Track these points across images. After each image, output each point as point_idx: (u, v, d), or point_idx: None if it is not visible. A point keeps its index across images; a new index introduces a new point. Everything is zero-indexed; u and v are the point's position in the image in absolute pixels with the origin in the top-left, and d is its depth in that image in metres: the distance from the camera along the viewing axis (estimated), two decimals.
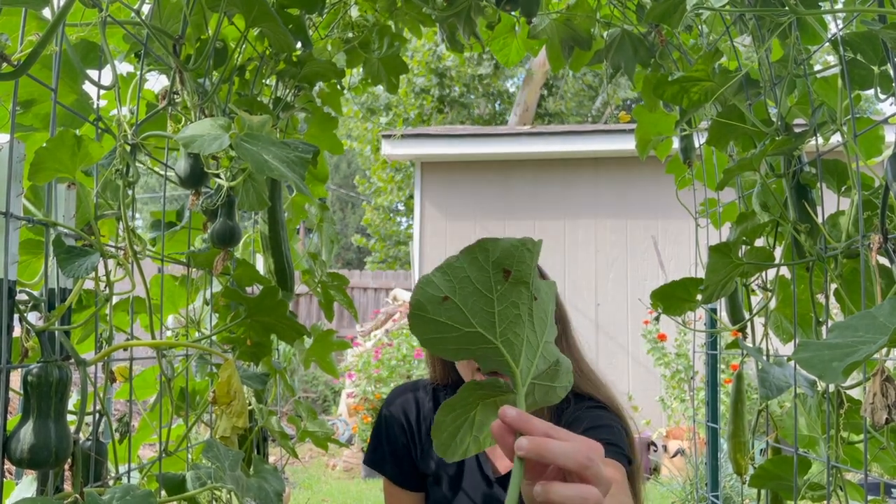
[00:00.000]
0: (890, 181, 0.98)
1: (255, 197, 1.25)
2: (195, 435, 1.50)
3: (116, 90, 1.11)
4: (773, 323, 1.52)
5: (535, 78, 11.06)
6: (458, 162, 7.22)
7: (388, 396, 1.54)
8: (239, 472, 1.17)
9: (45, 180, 0.94)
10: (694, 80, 1.34)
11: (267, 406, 1.60)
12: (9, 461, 0.84)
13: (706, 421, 2.22)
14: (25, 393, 0.85)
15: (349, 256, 20.75)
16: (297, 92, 1.72)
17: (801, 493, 1.28)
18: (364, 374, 6.20)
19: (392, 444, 1.48)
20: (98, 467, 1.03)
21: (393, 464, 1.48)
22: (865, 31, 1.11)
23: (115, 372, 1.26)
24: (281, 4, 1.46)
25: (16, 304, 0.87)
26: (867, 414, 0.83)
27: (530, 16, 1.76)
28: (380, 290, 9.80)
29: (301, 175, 1.00)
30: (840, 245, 1.17)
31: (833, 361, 0.66)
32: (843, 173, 1.30)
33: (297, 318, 1.38)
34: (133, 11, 1.14)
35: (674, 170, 1.99)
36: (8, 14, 1.05)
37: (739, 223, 1.39)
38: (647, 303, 1.54)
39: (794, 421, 1.31)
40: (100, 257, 0.99)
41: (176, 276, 1.49)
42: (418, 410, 1.48)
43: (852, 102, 1.16)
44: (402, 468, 1.47)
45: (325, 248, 1.87)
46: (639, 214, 6.80)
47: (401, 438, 1.47)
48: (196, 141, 0.98)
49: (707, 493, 2.27)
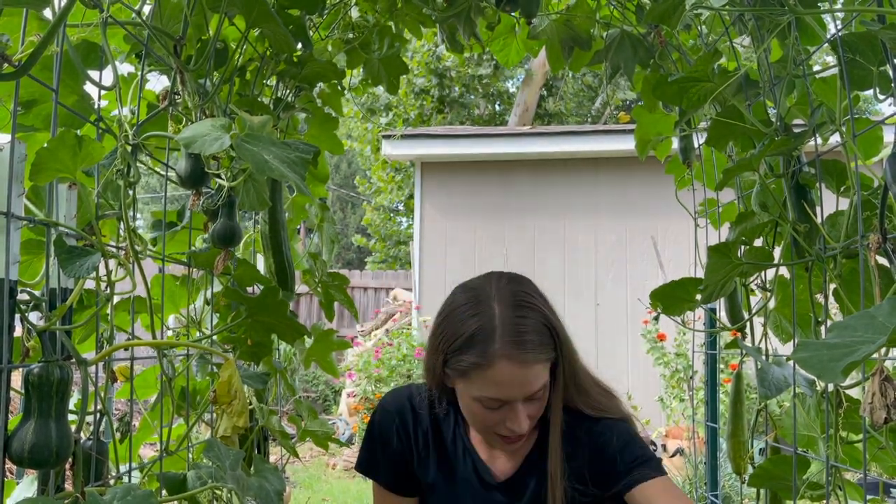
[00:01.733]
0: (889, 181, 0.98)
1: (256, 197, 1.25)
2: (196, 434, 1.50)
3: (117, 91, 1.11)
4: (773, 323, 1.52)
5: (535, 78, 11.06)
6: (458, 162, 7.22)
7: (382, 401, 1.44)
8: (240, 472, 1.17)
9: (46, 180, 0.94)
10: (693, 81, 1.34)
11: (267, 405, 1.60)
12: (10, 461, 0.84)
13: (705, 420, 2.22)
14: (26, 393, 0.85)
15: (349, 256, 20.75)
16: (297, 92, 1.72)
17: (801, 493, 1.28)
18: (364, 373, 6.20)
19: (387, 450, 1.39)
20: (99, 467, 1.03)
21: (387, 471, 1.40)
22: (864, 31, 1.11)
23: (115, 371, 1.27)
24: (281, 5, 1.46)
25: (17, 304, 0.87)
26: (866, 413, 0.83)
27: (530, 16, 1.77)
28: (380, 289, 9.80)
29: (301, 175, 1.00)
30: (839, 245, 1.18)
31: (832, 361, 0.66)
32: (842, 173, 1.30)
33: (297, 317, 1.38)
34: (134, 12, 1.14)
35: (673, 170, 2.00)
36: (9, 14, 1.05)
37: (738, 223, 1.39)
38: (647, 303, 1.54)
39: (794, 421, 1.32)
40: (101, 257, 0.99)
41: (177, 276, 1.49)
42: (415, 417, 1.39)
43: (851, 103, 1.17)
44: (397, 475, 1.40)
45: (326, 247, 1.87)
46: (638, 215, 6.79)
47: (397, 445, 1.38)
48: (197, 141, 0.98)
49: (706, 493, 2.28)
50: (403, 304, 7.85)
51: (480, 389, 1.19)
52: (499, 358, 1.16)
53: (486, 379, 1.17)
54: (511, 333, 1.17)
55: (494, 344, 1.16)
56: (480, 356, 1.17)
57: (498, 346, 1.16)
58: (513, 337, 1.17)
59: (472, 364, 1.18)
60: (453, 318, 1.24)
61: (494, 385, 1.17)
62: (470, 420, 1.29)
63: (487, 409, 1.21)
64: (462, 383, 1.23)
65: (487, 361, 1.16)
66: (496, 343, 1.16)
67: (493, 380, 1.17)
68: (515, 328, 1.18)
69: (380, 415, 1.42)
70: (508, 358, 1.16)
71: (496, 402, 1.19)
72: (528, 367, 1.17)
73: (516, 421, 1.19)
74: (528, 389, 1.19)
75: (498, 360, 1.16)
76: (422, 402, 1.39)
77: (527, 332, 1.18)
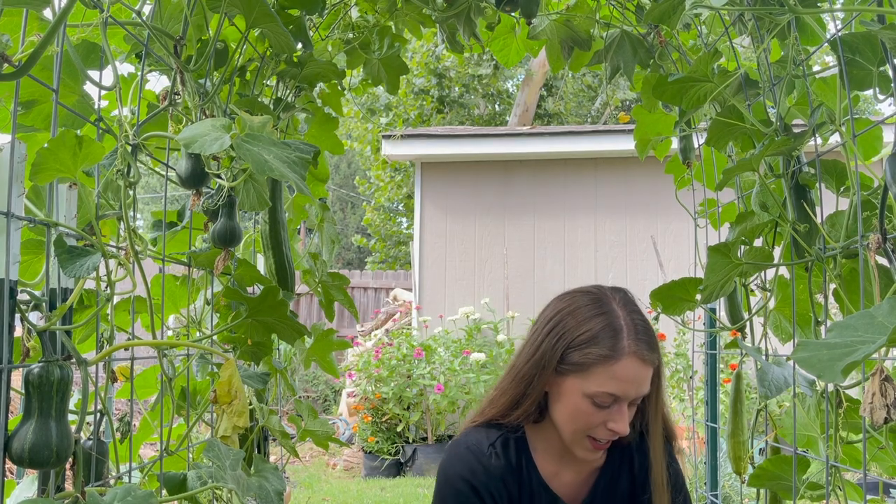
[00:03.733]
0: (889, 181, 0.98)
1: (256, 197, 1.25)
2: (196, 434, 1.50)
3: (117, 91, 1.11)
4: (773, 323, 1.52)
5: (535, 78, 11.06)
6: (458, 162, 7.22)
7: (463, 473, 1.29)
8: (240, 472, 1.17)
9: (46, 180, 0.94)
10: (693, 81, 1.34)
11: (268, 405, 1.60)
12: (10, 460, 0.84)
13: (705, 420, 2.22)
14: (27, 392, 0.85)
15: (349, 256, 20.75)
16: (297, 92, 1.72)
17: (800, 493, 1.28)
18: (364, 373, 6.20)
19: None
20: (99, 467, 1.03)
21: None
22: (864, 31, 1.11)
23: (116, 371, 1.27)
24: (281, 5, 1.46)
25: (17, 304, 0.87)
26: (866, 413, 0.83)
27: (530, 16, 1.77)
28: (380, 290, 9.80)
29: (301, 175, 1.00)
30: (839, 245, 1.18)
31: (832, 361, 0.66)
32: (841, 173, 1.30)
33: (297, 317, 1.38)
34: (134, 12, 1.14)
35: (673, 170, 2.00)
36: (9, 14, 1.05)
37: (738, 223, 1.39)
38: (647, 302, 1.54)
39: (794, 420, 1.32)
40: (101, 257, 0.99)
41: (177, 276, 1.49)
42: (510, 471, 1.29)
43: (851, 103, 1.17)
44: None
45: (326, 247, 1.87)
46: (638, 214, 6.80)
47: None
48: (197, 141, 0.98)
49: (706, 493, 2.28)
50: (403, 304, 7.85)
51: (600, 385, 1.22)
52: (627, 354, 1.22)
53: (610, 373, 1.22)
54: (638, 333, 1.25)
55: (623, 340, 1.23)
56: (611, 349, 1.22)
57: (626, 343, 1.23)
58: (639, 336, 1.24)
59: (600, 357, 1.22)
60: (578, 315, 1.28)
61: (616, 380, 1.22)
62: (568, 421, 1.27)
63: (596, 408, 1.23)
64: (578, 379, 1.24)
65: (616, 355, 1.22)
66: (625, 340, 1.23)
67: (617, 375, 1.22)
68: (641, 328, 1.26)
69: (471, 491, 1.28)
70: (635, 354, 1.22)
71: (609, 399, 1.23)
72: (648, 367, 1.24)
73: (621, 421, 1.23)
74: (642, 389, 1.24)
75: (626, 355, 1.22)
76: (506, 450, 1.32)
77: (649, 334, 1.26)
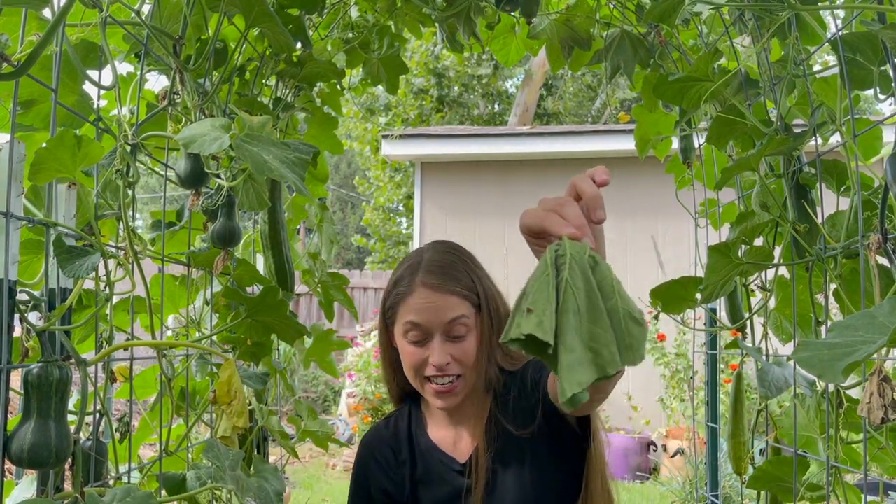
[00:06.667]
0: (889, 181, 0.98)
1: (256, 197, 1.25)
2: (195, 435, 1.50)
3: (117, 90, 1.11)
4: (773, 323, 1.52)
5: (535, 78, 11.05)
6: (458, 162, 7.22)
7: (362, 440, 1.49)
8: (239, 472, 1.17)
9: (45, 180, 0.94)
10: (693, 81, 1.34)
11: (267, 406, 1.60)
12: (9, 461, 0.84)
13: (706, 421, 2.22)
14: (26, 393, 0.85)
15: (349, 256, 20.75)
16: (297, 92, 1.72)
17: (800, 494, 1.28)
18: (364, 373, 6.20)
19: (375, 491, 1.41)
20: (98, 467, 1.03)
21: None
22: (865, 31, 1.11)
23: (115, 372, 1.26)
24: (281, 5, 1.46)
25: (16, 304, 0.87)
26: (864, 413, 0.83)
27: (530, 16, 1.77)
28: (380, 290, 9.80)
29: (301, 175, 1.00)
30: (839, 245, 1.18)
31: (832, 361, 0.66)
32: (842, 173, 1.30)
33: (297, 317, 1.38)
34: (133, 12, 1.14)
35: (673, 170, 1.99)
36: (8, 14, 1.05)
37: (739, 223, 1.39)
38: (647, 302, 1.54)
39: (794, 421, 1.31)
40: (100, 257, 0.99)
41: (176, 276, 1.49)
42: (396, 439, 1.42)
43: (851, 103, 1.17)
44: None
45: (325, 248, 1.87)
46: (638, 214, 6.80)
47: (383, 483, 1.40)
48: (196, 141, 0.98)
49: (707, 493, 2.28)
50: None
51: (404, 318, 1.31)
52: (418, 285, 1.30)
53: (409, 306, 1.30)
54: (432, 267, 1.33)
55: (418, 276, 1.32)
56: (406, 286, 1.32)
57: (419, 277, 1.31)
58: (432, 268, 1.32)
59: (399, 295, 1.32)
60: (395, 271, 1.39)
61: (414, 311, 1.30)
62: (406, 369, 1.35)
63: (414, 346, 1.30)
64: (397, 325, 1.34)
65: (410, 289, 1.31)
66: (419, 275, 1.32)
67: (413, 306, 1.30)
68: (437, 264, 1.34)
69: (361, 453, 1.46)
70: (425, 284, 1.30)
71: (418, 332, 1.30)
72: (443, 295, 1.30)
73: (437, 353, 1.28)
74: (443, 317, 1.29)
75: (418, 287, 1.30)
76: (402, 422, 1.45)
77: (446, 267, 1.33)
